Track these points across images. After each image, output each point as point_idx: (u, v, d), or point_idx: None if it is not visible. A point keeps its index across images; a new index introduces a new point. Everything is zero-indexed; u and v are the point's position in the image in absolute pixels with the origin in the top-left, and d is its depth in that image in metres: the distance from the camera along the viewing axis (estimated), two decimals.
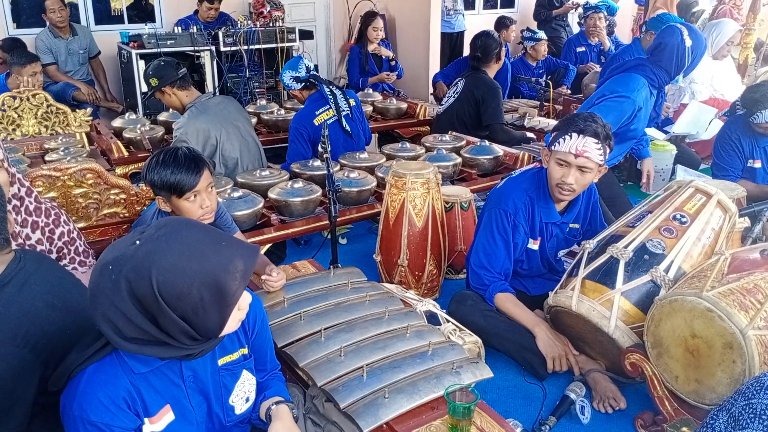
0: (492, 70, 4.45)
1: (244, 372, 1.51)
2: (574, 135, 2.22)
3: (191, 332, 1.22)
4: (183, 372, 1.38)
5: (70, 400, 1.26)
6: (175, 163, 2.01)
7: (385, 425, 1.61)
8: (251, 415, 1.59)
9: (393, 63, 5.95)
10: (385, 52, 5.90)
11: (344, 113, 3.66)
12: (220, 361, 1.45)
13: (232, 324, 1.30)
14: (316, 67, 3.82)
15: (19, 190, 1.89)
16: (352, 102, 3.79)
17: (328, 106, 3.64)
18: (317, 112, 3.63)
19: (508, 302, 2.38)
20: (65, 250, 2.05)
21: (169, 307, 1.18)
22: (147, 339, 1.22)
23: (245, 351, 1.51)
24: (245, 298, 1.30)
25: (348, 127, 3.69)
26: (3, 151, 1.77)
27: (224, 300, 1.23)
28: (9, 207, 1.85)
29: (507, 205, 2.39)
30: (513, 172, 2.60)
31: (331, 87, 3.68)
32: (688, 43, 3.05)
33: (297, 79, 3.68)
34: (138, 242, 1.20)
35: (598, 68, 5.64)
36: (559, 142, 2.26)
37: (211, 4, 5.58)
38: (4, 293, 1.38)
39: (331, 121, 3.62)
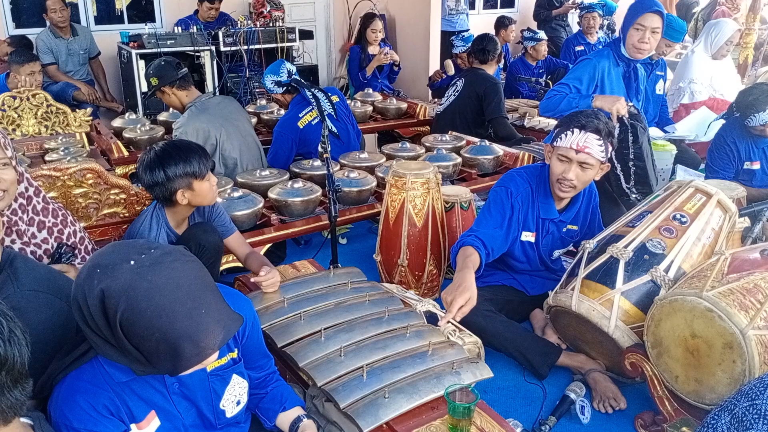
0: (491, 70, 4.56)
1: (234, 376, 1.50)
2: (576, 131, 2.22)
3: (143, 361, 1.21)
4: (166, 380, 1.36)
5: (54, 407, 1.26)
6: (188, 151, 2.14)
7: (385, 425, 1.61)
8: (268, 425, 1.61)
9: (396, 68, 5.92)
10: (392, 57, 5.80)
11: (327, 113, 3.67)
12: (209, 367, 1.43)
13: (188, 372, 1.25)
14: (298, 71, 3.84)
15: (26, 189, 1.89)
16: (335, 98, 3.79)
17: (311, 108, 3.65)
18: (300, 115, 3.65)
19: (460, 256, 2.25)
20: (76, 251, 2.07)
21: (124, 337, 1.16)
22: (106, 340, 1.21)
23: (234, 355, 1.50)
24: (209, 359, 1.25)
25: (333, 128, 3.70)
26: (12, 150, 1.78)
27: (179, 362, 1.19)
28: (15, 205, 1.87)
29: (509, 185, 2.42)
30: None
31: (312, 90, 3.70)
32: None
33: (279, 84, 3.71)
34: (132, 263, 1.17)
35: None
36: (560, 138, 2.27)
37: (211, 4, 5.58)
38: (16, 264, 1.44)
39: (315, 122, 3.64)
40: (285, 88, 3.72)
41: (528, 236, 2.48)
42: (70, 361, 1.28)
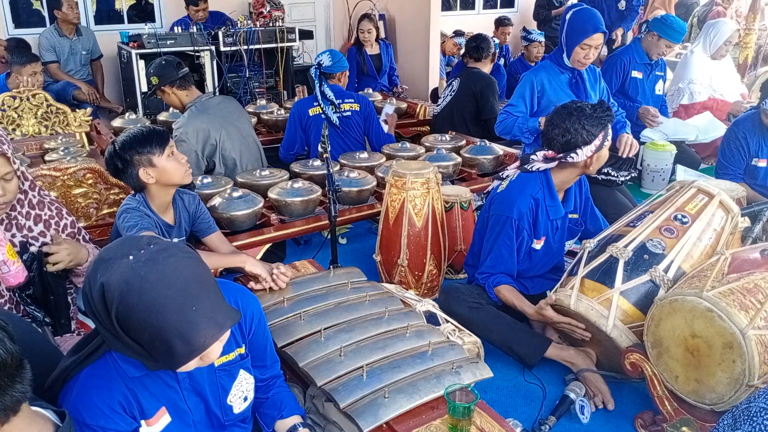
0: (485, 68, 4.60)
1: (242, 372, 1.51)
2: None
3: (145, 355, 1.21)
4: (178, 374, 1.37)
5: (66, 403, 1.26)
6: (140, 133, 2.16)
7: (385, 425, 1.61)
8: (266, 431, 1.61)
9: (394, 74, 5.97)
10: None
11: (335, 113, 3.75)
12: (217, 362, 1.44)
13: (189, 367, 1.23)
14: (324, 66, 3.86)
15: (23, 183, 1.91)
16: (350, 107, 3.82)
17: (317, 103, 3.75)
18: (314, 103, 3.75)
19: (507, 293, 2.39)
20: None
21: (122, 331, 1.17)
22: (112, 333, 1.20)
23: (242, 351, 1.51)
24: (212, 352, 1.23)
25: (336, 121, 3.75)
26: (19, 161, 1.81)
27: (173, 358, 1.18)
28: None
29: (511, 211, 2.39)
30: (510, 172, 2.58)
31: (323, 88, 3.74)
32: (568, 16, 3.26)
33: (315, 65, 3.83)
34: (131, 258, 1.16)
35: None
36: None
37: (196, 7, 5.59)
38: None
39: (323, 116, 3.72)
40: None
41: (536, 244, 2.48)
42: (82, 357, 1.28)
